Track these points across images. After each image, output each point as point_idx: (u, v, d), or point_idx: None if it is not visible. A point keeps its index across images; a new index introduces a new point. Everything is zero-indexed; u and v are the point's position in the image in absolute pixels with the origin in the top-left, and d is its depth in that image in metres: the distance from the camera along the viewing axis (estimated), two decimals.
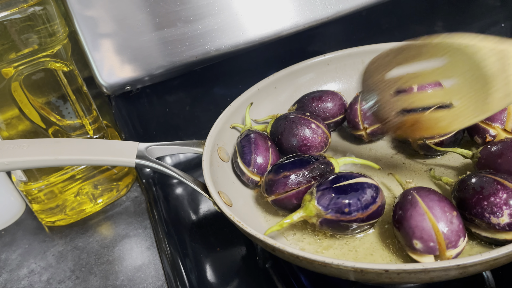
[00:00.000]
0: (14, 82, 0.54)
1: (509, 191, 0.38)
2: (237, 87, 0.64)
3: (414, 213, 0.39)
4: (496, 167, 0.44)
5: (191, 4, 0.59)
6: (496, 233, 0.39)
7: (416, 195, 0.40)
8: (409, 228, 0.39)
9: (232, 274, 0.51)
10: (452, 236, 0.38)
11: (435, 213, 0.39)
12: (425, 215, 0.39)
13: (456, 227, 0.38)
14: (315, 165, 0.47)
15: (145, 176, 0.67)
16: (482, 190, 0.40)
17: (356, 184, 0.42)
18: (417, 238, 0.38)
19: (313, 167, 0.47)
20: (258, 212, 0.51)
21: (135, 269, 0.55)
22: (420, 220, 0.39)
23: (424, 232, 0.38)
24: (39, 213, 0.62)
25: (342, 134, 0.61)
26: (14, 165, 0.48)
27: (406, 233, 0.39)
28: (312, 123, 0.54)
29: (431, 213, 0.38)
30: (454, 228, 0.38)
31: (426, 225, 0.38)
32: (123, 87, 0.61)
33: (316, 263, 0.36)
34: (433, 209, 0.39)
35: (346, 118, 0.58)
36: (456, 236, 0.38)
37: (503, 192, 0.38)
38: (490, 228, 0.39)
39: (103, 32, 0.58)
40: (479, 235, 0.41)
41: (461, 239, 0.38)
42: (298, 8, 0.63)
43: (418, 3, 0.75)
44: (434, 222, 0.38)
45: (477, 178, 0.41)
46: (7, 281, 0.57)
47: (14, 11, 0.51)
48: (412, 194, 0.41)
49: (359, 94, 0.57)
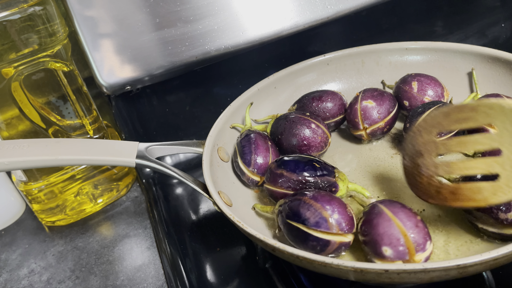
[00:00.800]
0: (14, 82, 0.54)
1: None
2: (237, 87, 0.64)
3: (381, 221, 0.39)
4: None
5: (191, 4, 0.59)
6: (504, 228, 0.39)
7: (380, 205, 0.40)
8: (377, 235, 0.38)
9: (232, 274, 0.51)
10: (420, 239, 0.38)
11: (401, 218, 0.38)
12: (391, 220, 0.38)
13: (422, 230, 0.38)
14: (316, 179, 0.46)
15: (145, 176, 0.67)
16: None
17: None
18: (386, 244, 0.38)
19: (311, 181, 0.46)
20: (258, 212, 0.51)
21: (135, 269, 0.55)
22: (387, 226, 0.38)
23: (393, 237, 0.38)
24: (39, 213, 0.62)
25: (342, 134, 0.61)
26: (14, 165, 0.48)
27: (375, 242, 0.38)
28: (312, 123, 0.54)
29: (397, 219, 0.38)
30: (421, 231, 0.38)
31: (394, 231, 0.38)
32: (123, 87, 0.61)
33: (316, 263, 0.36)
34: (398, 214, 0.39)
35: (346, 118, 0.58)
36: (423, 239, 0.38)
37: None
38: (498, 223, 0.39)
39: (103, 32, 0.58)
40: (486, 231, 0.41)
41: (428, 242, 0.38)
42: (298, 8, 0.63)
43: (418, 3, 0.75)
44: (402, 227, 0.38)
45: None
46: (7, 281, 0.57)
47: (14, 11, 0.51)
48: (376, 205, 0.41)
49: (359, 94, 0.57)
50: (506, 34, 0.80)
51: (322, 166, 0.47)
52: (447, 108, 0.39)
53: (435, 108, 0.50)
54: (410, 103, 0.57)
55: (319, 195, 0.42)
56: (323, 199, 0.41)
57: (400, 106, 0.58)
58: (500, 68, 0.57)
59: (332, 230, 0.40)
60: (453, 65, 0.61)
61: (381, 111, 0.55)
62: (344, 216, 0.41)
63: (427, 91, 0.56)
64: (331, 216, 0.40)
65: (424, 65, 0.62)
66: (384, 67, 0.64)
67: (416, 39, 0.64)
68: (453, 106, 0.38)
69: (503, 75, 0.57)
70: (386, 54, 0.64)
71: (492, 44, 0.78)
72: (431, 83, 0.57)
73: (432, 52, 0.62)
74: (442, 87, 0.57)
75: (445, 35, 0.79)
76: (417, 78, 0.57)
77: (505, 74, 0.57)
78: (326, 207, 0.41)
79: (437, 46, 0.61)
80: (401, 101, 0.58)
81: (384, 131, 0.56)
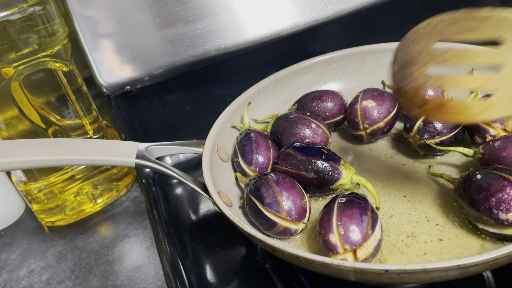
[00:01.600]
0: (14, 82, 0.54)
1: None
2: (237, 87, 0.64)
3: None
4: (501, 161, 0.45)
5: (191, 4, 0.59)
6: (505, 229, 0.39)
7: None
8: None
9: (232, 274, 0.51)
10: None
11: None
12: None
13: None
14: (321, 162, 0.48)
15: (145, 176, 0.67)
16: (489, 186, 0.40)
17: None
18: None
19: (315, 162, 0.48)
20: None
21: (135, 269, 0.55)
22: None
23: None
24: (39, 213, 0.62)
25: (342, 134, 0.61)
26: (13, 165, 0.47)
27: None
28: (312, 123, 0.54)
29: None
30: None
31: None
32: (123, 87, 0.61)
33: (316, 263, 0.36)
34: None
35: (346, 118, 0.58)
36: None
37: (510, 188, 0.39)
38: (499, 224, 0.39)
39: (103, 32, 0.58)
40: (487, 232, 0.41)
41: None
42: (298, 8, 0.63)
43: (418, 3, 0.75)
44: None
45: (482, 175, 0.42)
46: (7, 281, 0.57)
47: (14, 11, 0.51)
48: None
49: (359, 94, 0.57)
50: None
51: (330, 154, 0.49)
52: (456, 13, 0.36)
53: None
54: None
55: (283, 180, 0.45)
56: (284, 185, 0.45)
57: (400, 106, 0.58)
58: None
59: (281, 214, 0.44)
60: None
61: (381, 111, 0.55)
62: (296, 205, 0.44)
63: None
64: (284, 202, 0.44)
65: None
66: (384, 67, 0.64)
67: None
68: (463, 12, 0.36)
69: None
70: (386, 54, 0.64)
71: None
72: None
73: None
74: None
75: None
76: None
77: None
78: (283, 192, 0.44)
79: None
80: None
81: (384, 131, 0.56)
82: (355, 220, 0.39)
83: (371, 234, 0.39)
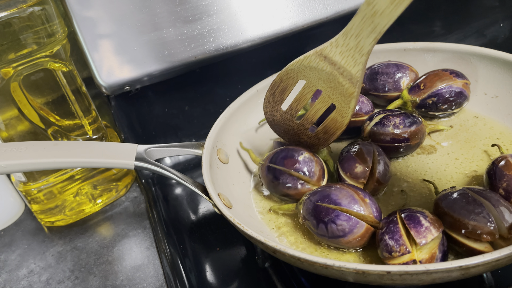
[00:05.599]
0: (13, 82, 0.54)
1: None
2: (237, 87, 0.64)
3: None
4: None
5: (190, 4, 0.59)
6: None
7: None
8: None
9: (232, 274, 0.51)
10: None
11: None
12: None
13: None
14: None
15: (145, 176, 0.67)
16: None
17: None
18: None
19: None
20: (258, 214, 0.51)
21: (134, 269, 0.55)
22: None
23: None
24: (39, 213, 0.62)
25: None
26: (12, 168, 0.47)
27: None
28: None
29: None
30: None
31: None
32: (122, 87, 0.61)
33: (317, 265, 0.36)
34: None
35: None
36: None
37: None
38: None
39: (102, 32, 0.58)
40: None
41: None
42: (297, 8, 0.63)
43: (418, 3, 0.75)
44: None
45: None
46: (7, 281, 0.57)
47: (13, 11, 0.51)
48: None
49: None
50: (504, 34, 0.80)
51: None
52: (268, 90, 0.51)
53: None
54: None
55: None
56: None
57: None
58: (499, 68, 0.57)
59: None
60: (452, 65, 0.61)
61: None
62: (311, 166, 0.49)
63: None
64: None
65: (423, 66, 0.62)
66: None
67: (414, 39, 0.64)
68: (271, 84, 0.51)
69: (502, 75, 0.57)
70: (385, 54, 0.64)
71: (490, 44, 0.78)
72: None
73: (430, 52, 0.62)
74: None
75: (444, 35, 0.79)
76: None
77: (504, 74, 0.57)
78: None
79: (436, 46, 0.62)
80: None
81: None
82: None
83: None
